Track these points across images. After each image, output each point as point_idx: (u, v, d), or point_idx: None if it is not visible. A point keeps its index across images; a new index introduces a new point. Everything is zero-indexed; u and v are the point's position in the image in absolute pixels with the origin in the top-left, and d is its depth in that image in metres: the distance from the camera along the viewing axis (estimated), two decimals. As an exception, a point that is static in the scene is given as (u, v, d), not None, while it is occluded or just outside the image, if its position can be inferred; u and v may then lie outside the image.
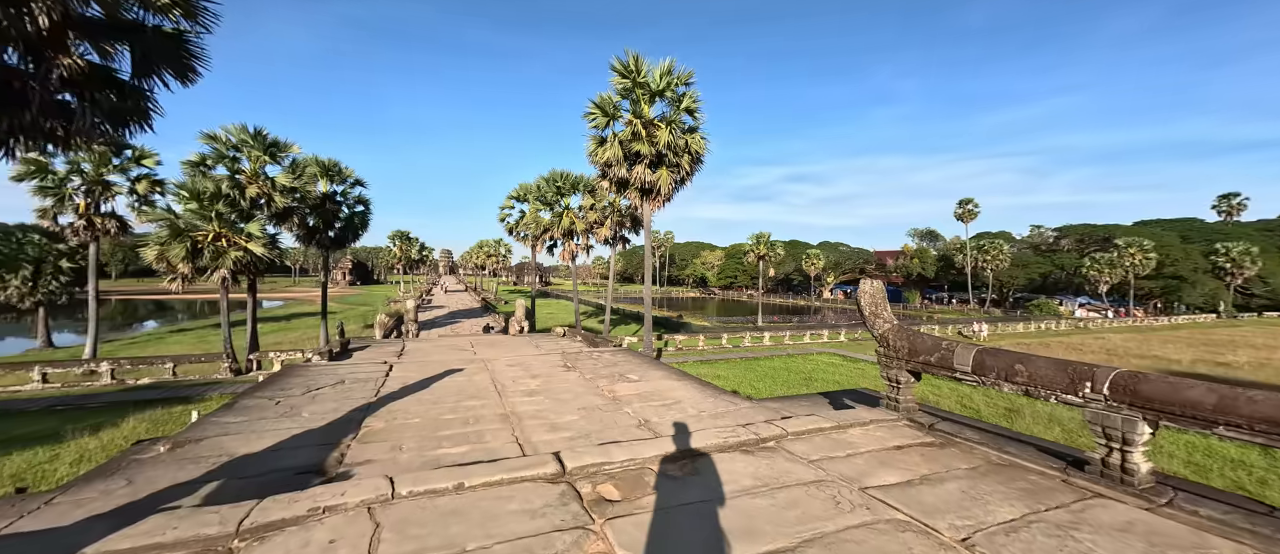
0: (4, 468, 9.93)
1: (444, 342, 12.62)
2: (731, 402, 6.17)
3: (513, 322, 16.25)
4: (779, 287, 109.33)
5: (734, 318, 60.91)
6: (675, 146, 16.90)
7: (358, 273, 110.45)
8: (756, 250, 53.49)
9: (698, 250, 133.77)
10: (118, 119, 8.83)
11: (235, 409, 5.52)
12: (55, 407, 14.76)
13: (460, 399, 6.17)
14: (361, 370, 7.93)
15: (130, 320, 54.16)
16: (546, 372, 8.11)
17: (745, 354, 27.02)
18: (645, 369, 8.28)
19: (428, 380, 7.19)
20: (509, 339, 13.54)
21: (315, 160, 26.67)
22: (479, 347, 11.52)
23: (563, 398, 6.38)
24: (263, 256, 21.50)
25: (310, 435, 4.74)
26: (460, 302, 57.08)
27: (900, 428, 4.04)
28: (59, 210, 23.27)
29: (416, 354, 10.09)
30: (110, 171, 24.19)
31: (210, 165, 22.11)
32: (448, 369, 8.09)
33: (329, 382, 6.98)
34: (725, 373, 21.22)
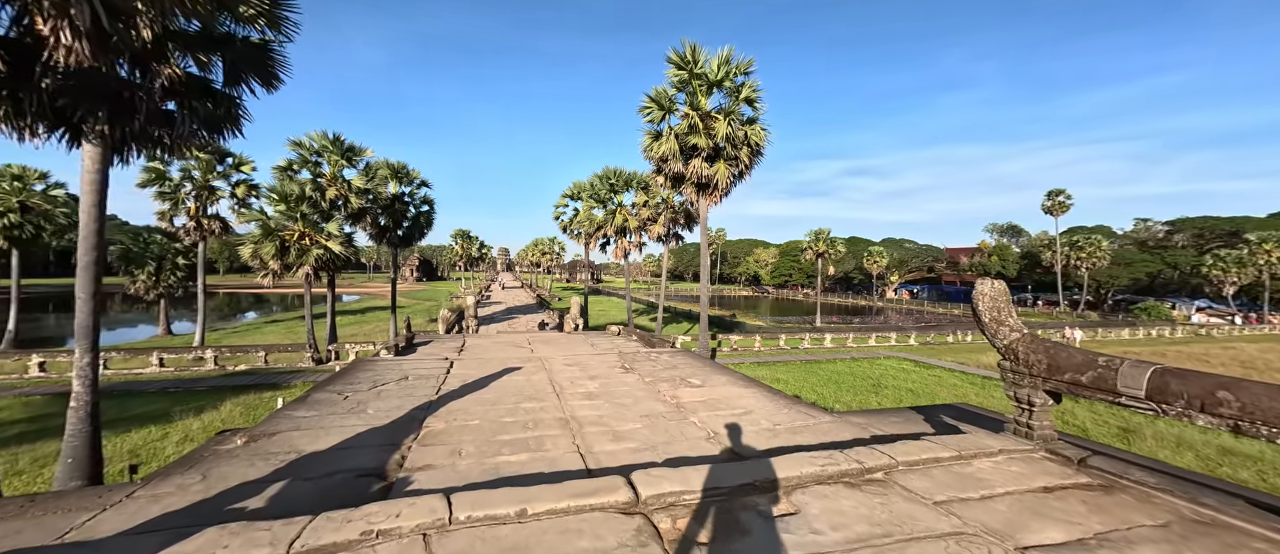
0: (124, 443, 11.09)
1: (502, 338, 12.74)
2: (808, 414, 5.54)
3: (567, 319, 16.25)
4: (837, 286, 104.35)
5: (789, 317, 58.65)
6: (733, 139, 16.16)
7: (424, 270, 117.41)
8: (815, 248, 51.02)
9: (751, 248, 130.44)
10: (212, 125, 9.50)
11: (307, 403, 5.61)
12: (169, 388, 16.50)
13: (519, 400, 5.97)
14: (424, 366, 8.02)
15: (234, 312, 60.43)
16: (604, 373, 7.81)
17: (805, 356, 25.68)
18: (707, 373, 7.78)
19: (487, 379, 7.10)
20: (564, 336, 13.49)
21: (386, 163, 28.26)
22: (536, 344, 11.49)
23: (623, 403, 6.03)
24: (340, 254, 23.03)
25: (373, 434, 4.67)
26: (516, 298, 58.95)
27: (1040, 462, 3.30)
28: (174, 213, 26.15)
29: (476, 350, 10.17)
30: (215, 178, 26.90)
31: (296, 170, 23.98)
32: (506, 367, 8.00)
33: (393, 377, 7.06)
34: (785, 376, 20.18)
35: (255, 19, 8.99)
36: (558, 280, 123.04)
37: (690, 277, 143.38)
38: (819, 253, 51.08)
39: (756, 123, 16.79)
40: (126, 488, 3.43)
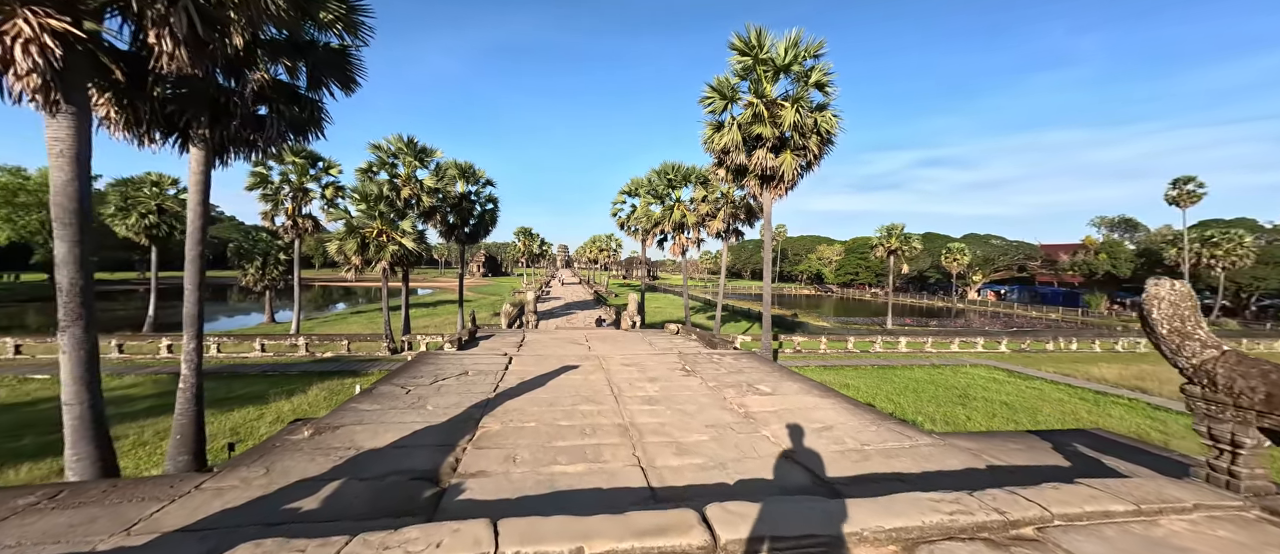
0: (227, 422, 12.23)
1: (561, 334, 12.70)
2: (902, 433, 4.79)
3: (625, 316, 16.01)
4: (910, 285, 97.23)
5: (856, 318, 55.25)
6: (802, 127, 15.10)
7: (489, 266, 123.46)
8: (886, 244, 47.49)
9: (813, 245, 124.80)
10: (297, 127, 10.10)
11: (373, 395, 5.66)
12: (267, 372, 18.19)
13: (576, 402, 5.69)
14: (484, 361, 8.01)
15: (327, 303, 66.51)
16: (664, 375, 7.39)
17: (877, 361, 23.81)
18: (776, 379, 7.13)
19: (544, 378, 6.92)
20: (621, 334, 13.24)
21: (454, 164, 29.61)
22: (593, 341, 11.30)
23: (686, 409, 5.57)
24: (413, 250, 24.38)
25: (430, 432, 4.55)
26: (575, 293, 60.11)
27: (1257, 526, 2.45)
28: (274, 213, 28.96)
29: (535, 346, 10.13)
30: (308, 180, 29.49)
31: (375, 171, 25.70)
32: (564, 365, 7.80)
33: (454, 372, 7.05)
34: (856, 382, 18.75)
35: (334, 24, 9.45)
36: (614, 277, 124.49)
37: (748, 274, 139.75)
38: (891, 250, 47.49)
39: (827, 109, 15.60)
40: (197, 478, 3.46)
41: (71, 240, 6.18)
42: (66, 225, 6.16)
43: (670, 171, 28.04)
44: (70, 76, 6.04)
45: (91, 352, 6.41)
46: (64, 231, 6.16)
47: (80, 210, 6.23)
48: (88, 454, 6.40)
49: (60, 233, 6.17)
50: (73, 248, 6.19)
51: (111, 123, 8.09)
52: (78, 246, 6.23)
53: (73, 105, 6.08)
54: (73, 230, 6.20)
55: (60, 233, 6.17)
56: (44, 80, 5.66)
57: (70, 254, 6.18)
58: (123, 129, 8.21)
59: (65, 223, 6.14)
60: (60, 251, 6.15)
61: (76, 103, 6.11)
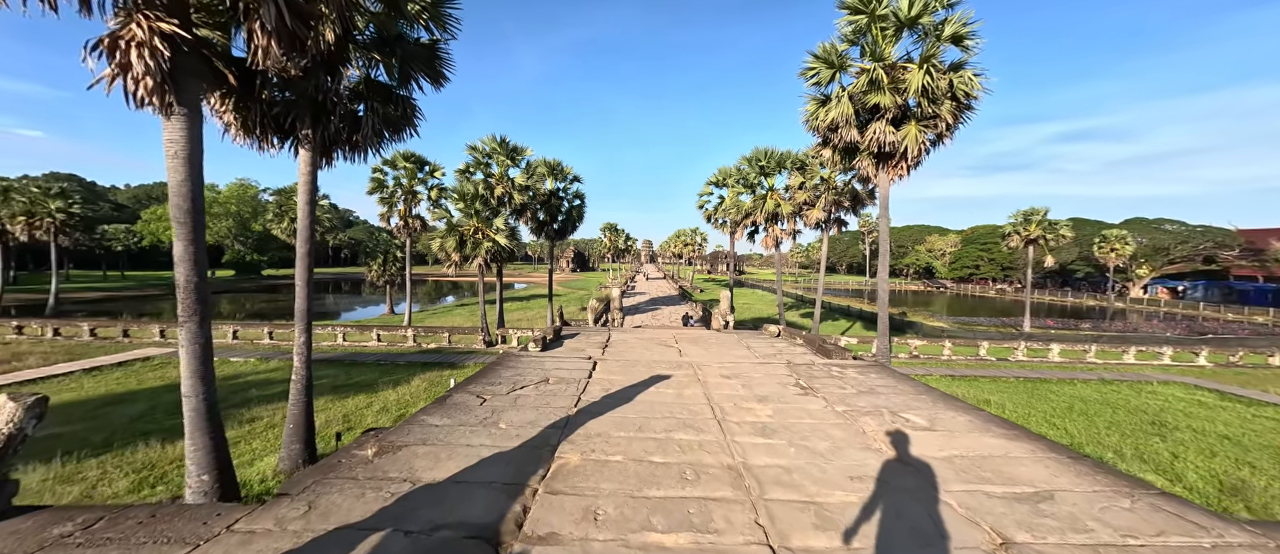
0: (341, 408, 13.10)
1: (647, 334, 11.79)
2: (1186, 517, 3.05)
3: (716, 314, 14.70)
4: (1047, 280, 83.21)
5: (978, 318, 48.01)
6: (932, 91, 12.55)
7: (578, 261, 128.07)
8: (1023, 232, 40.34)
9: (921, 235, 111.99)
10: (392, 125, 10.18)
11: (445, 406, 5.08)
12: (380, 361, 19.71)
13: (670, 428, 4.62)
14: (566, 366, 7.28)
15: (438, 296, 73.14)
16: (775, 392, 6.06)
17: (1021, 372, 19.84)
18: (928, 405, 5.47)
19: (631, 390, 5.96)
20: (713, 335, 11.99)
21: (543, 161, 30.25)
22: (683, 343, 10.21)
23: (814, 447, 4.24)
24: (505, 247, 25.19)
25: (498, 463, 3.76)
26: (659, 288, 59.59)
27: None
28: (389, 214, 31.84)
29: (621, 348, 9.29)
30: (417, 184, 31.99)
31: (472, 171, 27.00)
32: (653, 374, 6.80)
33: (534, 379, 6.37)
34: (996, 397, 15.59)
35: (421, 15, 9.35)
36: (699, 272, 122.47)
37: (844, 268, 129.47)
38: (1029, 239, 40.22)
39: (965, 68, 12.85)
40: (234, 513, 2.94)
41: (186, 239, 6.43)
42: (182, 224, 6.41)
43: (762, 158, 25.97)
44: (181, 79, 6.22)
45: (205, 346, 6.68)
46: (180, 230, 6.42)
47: (194, 210, 6.45)
48: (203, 445, 6.69)
49: (177, 232, 6.45)
50: (188, 246, 6.44)
51: (233, 129, 8.60)
52: (192, 245, 6.47)
53: (185, 107, 6.27)
54: (187, 229, 6.44)
55: (177, 232, 6.45)
56: (156, 82, 5.82)
57: (186, 252, 6.43)
58: (242, 134, 8.71)
59: (181, 222, 6.39)
60: (177, 250, 6.42)
61: (188, 105, 6.30)
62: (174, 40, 5.87)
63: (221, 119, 8.23)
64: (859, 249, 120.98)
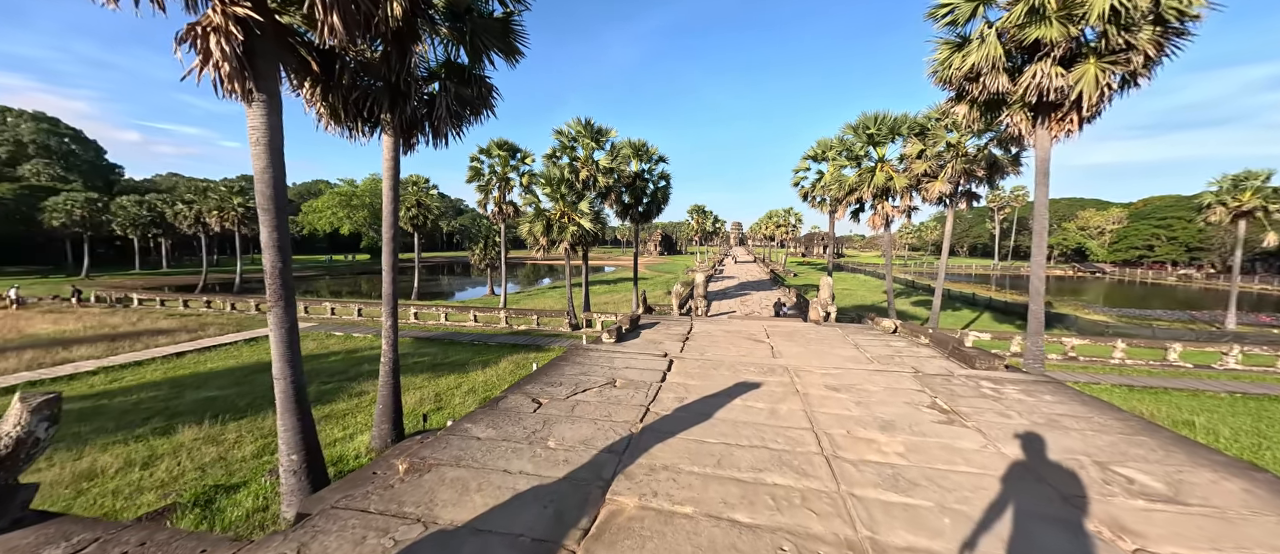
0: (434, 387, 13.72)
1: (734, 325, 10.54)
2: None
3: (815, 305, 12.90)
4: (1258, 264, 65.48)
5: (1152, 310, 38.77)
6: (1127, 13, 9.41)
7: (665, 244, 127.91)
8: (1231, 202, 31.34)
9: (1069, 210, 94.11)
10: (468, 106, 9.86)
11: (495, 412, 4.45)
12: (474, 341, 20.75)
13: (761, 468, 3.50)
14: (638, 364, 6.40)
15: (535, 279, 77.43)
16: (903, 415, 4.61)
17: (1236, 385, 15.17)
18: (1158, 451, 3.68)
19: (711, 402, 4.89)
20: (811, 328, 10.38)
21: (628, 143, 29.67)
22: (777, 338, 8.84)
23: (987, 521, 2.86)
24: (590, 230, 25.15)
25: (535, 500, 2.96)
26: (749, 272, 56.91)
27: None
28: (485, 201, 33.62)
29: (702, 342, 8.21)
30: (510, 171, 33.33)
31: (558, 156, 27.28)
32: (739, 382, 5.65)
33: (600, 380, 5.57)
34: (1202, 418, 11.92)
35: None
36: (792, 254, 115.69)
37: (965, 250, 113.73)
38: (1239, 211, 31.14)
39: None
40: (225, 549, 2.43)
41: (270, 226, 6.53)
42: (266, 212, 6.52)
43: (871, 125, 22.74)
44: (259, 65, 6.22)
45: (291, 329, 6.85)
46: (264, 218, 6.54)
47: (276, 196, 6.54)
48: (291, 426, 6.91)
49: (262, 219, 6.59)
50: (272, 233, 6.54)
51: (324, 117, 8.86)
52: (276, 232, 6.57)
53: (263, 94, 6.29)
54: (271, 216, 6.54)
55: (262, 219, 6.59)
56: (234, 68, 5.82)
57: (270, 239, 6.54)
58: (332, 122, 8.95)
59: (265, 208, 6.51)
60: (263, 237, 6.56)
61: (267, 92, 6.32)
62: (247, 24, 5.83)
63: (313, 107, 8.49)
64: (986, 228, 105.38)
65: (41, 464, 8.62)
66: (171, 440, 9.87)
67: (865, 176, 22.75)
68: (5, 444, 2.60)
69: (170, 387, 13.92)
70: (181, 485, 8.04)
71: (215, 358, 16.87)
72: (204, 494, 7.60)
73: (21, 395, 2.69)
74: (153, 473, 8.51)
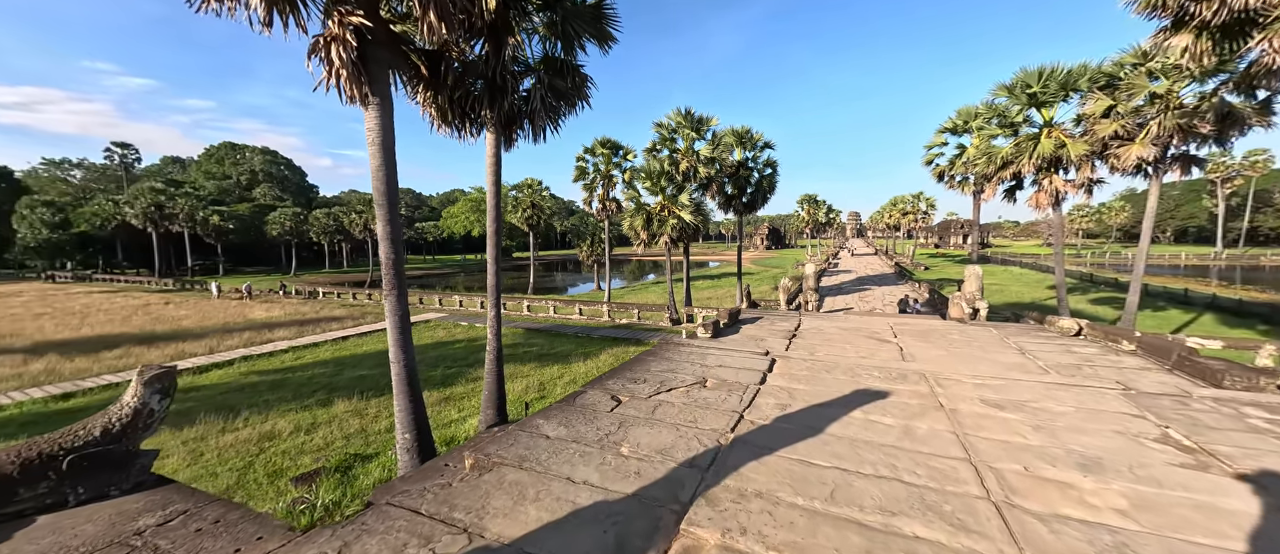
0: (539, 377, 14.27)
1: (852, 321, 9.14)
2: None
3: (957, 300, 10.73)
4: None
5: None
6: None
7: (773, 238, 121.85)
8: None
9: (1353, 177, 68.98)
10: (563, 97, 9.89)
11: (570, 409, 4.10)
12: (578, 334, 21.44)
13: (892, 508, 2.61)
14: (734, 362, 5.64)
15: (640, 275, 79.07)
16: (1118, 451, 3.25)
17: None
18: None
19: (821, 413, 3.99)
20: (952, 327, 8.56)
21: (731, 131, 28.38)
22: (906, 338, 7.38)
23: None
24: (690, 223, 24.51)
25: (595, 520, 2.48)
26: (868, 266, 51.39)
27: None
28: (590, 199, 34.77)
29: (812, 340, 7.13)
30: (612, 168, 34.07)
31: (658, 149, 27.05)
32: (858, 388, 4.62)
33: (688, 379, 4.95)
34: None
35: (580, -33, 8.75)
36: (923, 246, 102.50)
37: (1169, 236, 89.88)
38: None
39: None
40: (277, 540, 2.33)
41: (385, 220, 7.04)
42: (381, 207, 7.05)
43: (1033, 82, 18.62)
44: (372, 69, 6.66)
45: (403, 317, 7.33)
46: (380, 213, 7.08)
47: (388, 192, 7.03)
48: (404, 407, 7.40)
49: (378, 214, 7.14)
50: (386, 227, 7.05)
51: (434, 120, 9.49)
52: (389, 225, 7.07)
53: (377, 96, 6.75)
54: (386, 211, 7.05)
55: (378, 214, 7.14)
56: (350, 74, 6.32)
57: (385, 232, 7.06)
58: (442, 124, 9.55)
59: (380, 204, 7.03)
60: (379, 230, 7.11)
61: (380, 94, 6.78)
62: (361, 32, 6.27)
63: (426, 113, 9.13)
64: (1202, 206, 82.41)
65: (239, 424, 10.59)
66: (329, 411, 11.53)
67: (1025, 146, 18.68)
68: (124, 415, 2.83)
69: (334, 365, 16.46)
70: (330, 452, 9.24)
71: (369, 342, 19.72)
72: (345, 461, 8.61)
73: (140, 370, 2.92)
74: (312, 438, 9.94)
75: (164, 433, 10.04)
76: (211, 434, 10.05)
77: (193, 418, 10.82)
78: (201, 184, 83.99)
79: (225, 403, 12.05)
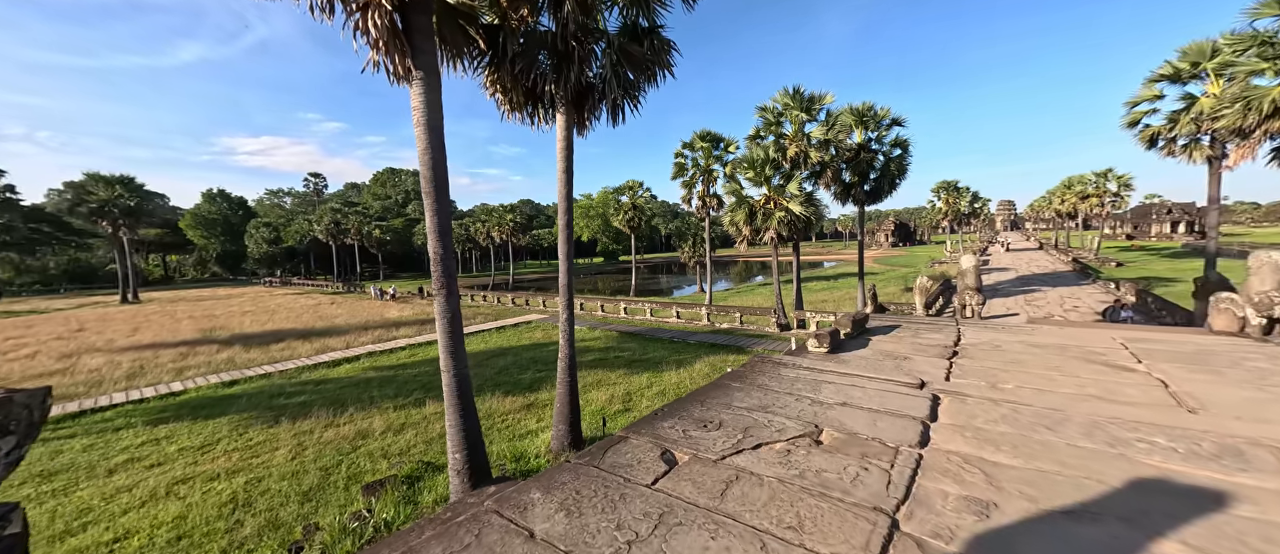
0: (626, 385, 13.07)
1: (1045, 336, 6.29)
2: None
3: (1221, 305, 6.98)
4: None
5: None
6: None
7: (901, 233, 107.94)
8: None
9: None
10: (640, 67, 8.48)
11: (591, 472, 2.61)
12: (674, 338, 19.97)
13: None
14: (866, 399, 3.65)
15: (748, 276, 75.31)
16: None
17: None
18: None
19: (1074, 522, 1.91)
20: (1233, 346, 5.31)
21: (849, 109, 24.68)
22: (1158, 363, 4.57)
23: None
24: (800, 216, 21.59)
25: None
26: (1031, 262, 42.04)
27: None
28: (690, 197, 33.17)
29: (986, 361, 4.72)
30: (713, 162, 32.10)
31: (762, 136, 24.46)
32: (1131, 480, 2.38)
33: (790, 428, 3.14)
34: None
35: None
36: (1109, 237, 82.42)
37: None
38: None
39: None
40: None
41: (433, 210, 6.18)
42: (428, 195, 6.20)
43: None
44: (416, 39, 5.85)
45: (453, 319, 6.47)
46: (428, 201, 6.21)
47: (435, 177, 6.18)
48: (455, 422, 6.48)
49: (426, 203, 6.30)
50: (433, 217, 6.20)
51: (501, 104, 8.74)
52: (437, 217, 6.20)
53: (421, 70, 5.92)
54: (433, 200, 6.20)
55: (426, 203, 6.30)
56: (387, 42, 5.58)
57: (432, 223, 6.20)
58: (510, 109, 8.77)
59: (426, 191, 6.17)
60: (428, 221, 6.25)
61: (423, 67, 5.97)
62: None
63: (491, 93, 8.40)
64: None
65: (344, 420, 11.02)
66: (421, 411, 11.60)
67: (1316, 81, 12.75)
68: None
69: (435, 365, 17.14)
70: (409, 457, 8.98)
71: (472, 342, 20.57)
72: (416, 470, 8.19)
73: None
74: (398, 440, 9.88)
75: (281, 425, 10.79)
76: (318, 428, 10.54)
77: (309, 411, 11.56)
78: (370, 204, 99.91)
79: (340, 397, 12.85)
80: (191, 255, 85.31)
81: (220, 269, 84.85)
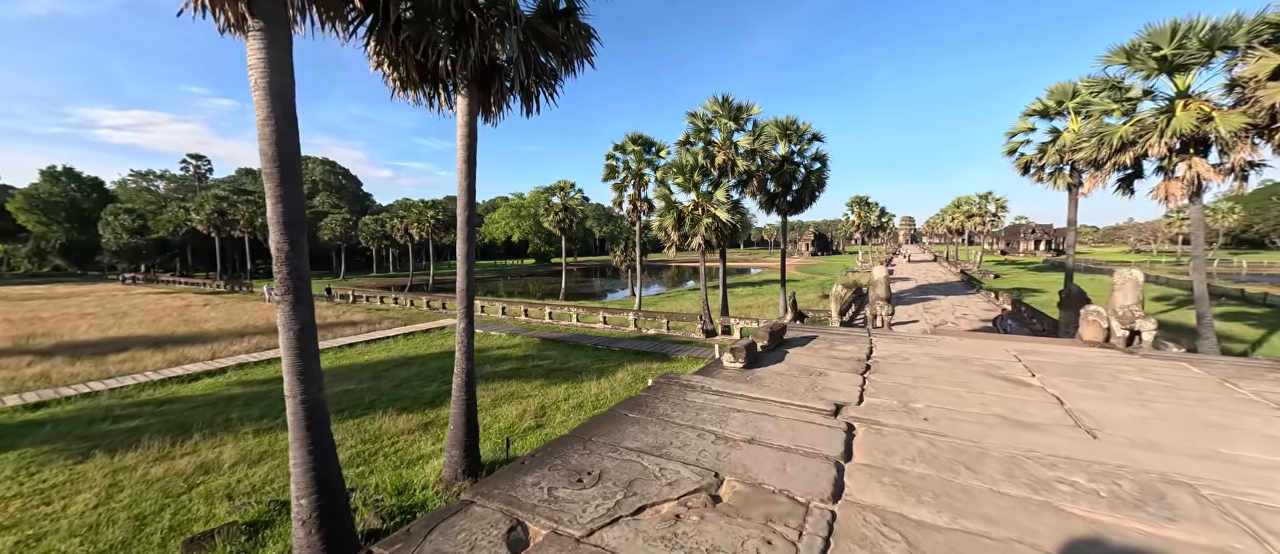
0: (541, 398, 12.12)
1: (948, 348, 6.36)
2: None
3: (1091, 316, 7.61)
4: None
5: None
6: None
7: (819, 243, 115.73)
8: None
9: None
10: (552, 50, 7.69)
11: (446, 534, 1.76)
12: (598, 345, 19.25)
13: None
14: (778, 429, 3.16)
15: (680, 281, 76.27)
16: None
17: None
18: None
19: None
20: (1108, 358, 5.64)
21: (774, 122, 25.56)
22: (1050, 377, 4.63)
23: None
24: (728, 222, 21.85)
25: None
26: (928, 273, 46.51)
27: None
28: (621, 200, 32.68)
29: (899, 377, 4.52)
30: (644, 165, 31.86)
31: (691, 142, 24.57)
32: (1069, 541, 2.02)
33: (686, 480, 2.54)
34: None
35: None
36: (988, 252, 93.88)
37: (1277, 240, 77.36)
38: None
39: None
40: None
41: (276, 196, 4.92)
42: (270, 176, 4.89)
43: (1164, 41, 14.80)
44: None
45: (302, 332, 5.21)
46: (269, 184, 4.85)
47: (279, 156, 4.93)
48: (302, 461, 5.25)
49: (267, 186, 4.90)
50: (276, 204, 4.94)
51: (391, 80, 7.55)
52: (282, 203, 5.02)
53: (260, 18, 4.79)
54: (275, 182, 4.89)
55: (267, 186, 4.90)
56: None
57: (275, 212, 5.00)
58: (400, 86, 7.57)
59: (268, 172, 4.84)
60: (269, 209, 5.10)
61: (264, 15, 4.78)
62: (221, -82, 4.31)
63: (376, 65, 7.21)
64: (1339, 207, 70.59)
65: (183, 450, 9.04)
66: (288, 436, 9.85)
67: (1154, 122, 14.84)
68: None
69: (327, 377, 15.04)
70: (260, 495, 7.43)
71: (373, 351, 18.46)
72: (264, 515, 6.74)
73: None
74: (253, 474, 8.22)
75: (93, 459, 8.61)
76: (144, 463, 8.51)
77: (138, 441, 9.39)
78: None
79: (185, 421, 10.65)
80: (26, 245, 70.83)
81: (64, 262, 71.29)
